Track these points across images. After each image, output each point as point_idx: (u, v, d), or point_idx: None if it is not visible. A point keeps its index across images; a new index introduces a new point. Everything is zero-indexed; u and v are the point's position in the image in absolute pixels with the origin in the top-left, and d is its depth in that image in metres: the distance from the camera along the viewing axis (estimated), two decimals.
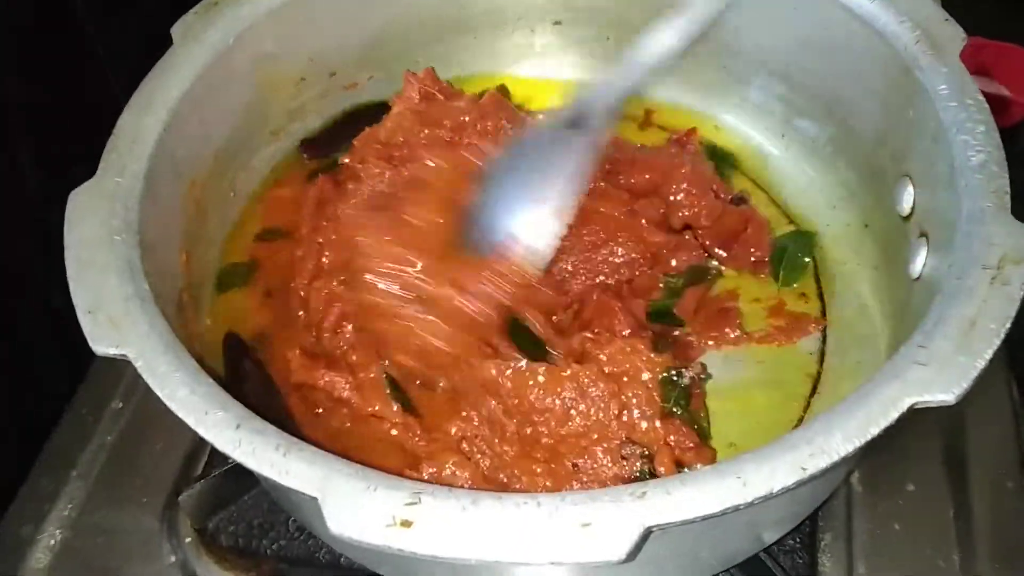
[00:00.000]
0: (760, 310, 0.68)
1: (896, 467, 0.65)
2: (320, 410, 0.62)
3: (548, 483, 0.56)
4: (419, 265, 0.62)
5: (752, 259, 0.70)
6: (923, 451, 0.66)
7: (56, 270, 0.53)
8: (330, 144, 0.76)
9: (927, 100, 0.58)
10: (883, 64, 0.63)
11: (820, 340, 0.66)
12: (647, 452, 0.57)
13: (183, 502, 0.63)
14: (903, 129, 0.62)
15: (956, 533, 0.63)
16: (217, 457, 0.67)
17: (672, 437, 0.57)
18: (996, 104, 1.00)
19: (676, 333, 0.66)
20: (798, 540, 0.62)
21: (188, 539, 0.65)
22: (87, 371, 0.75)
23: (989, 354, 0.45)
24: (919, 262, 0.58)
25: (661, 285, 0.68)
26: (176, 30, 0.66)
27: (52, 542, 0.66)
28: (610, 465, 0.57)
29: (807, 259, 0.70)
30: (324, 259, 0.66)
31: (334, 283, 0.64)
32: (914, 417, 0.44)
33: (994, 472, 0.66)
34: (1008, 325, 0.46)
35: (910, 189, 0.61)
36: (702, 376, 0.62)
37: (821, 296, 0.69)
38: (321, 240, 0.67)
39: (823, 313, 0.68)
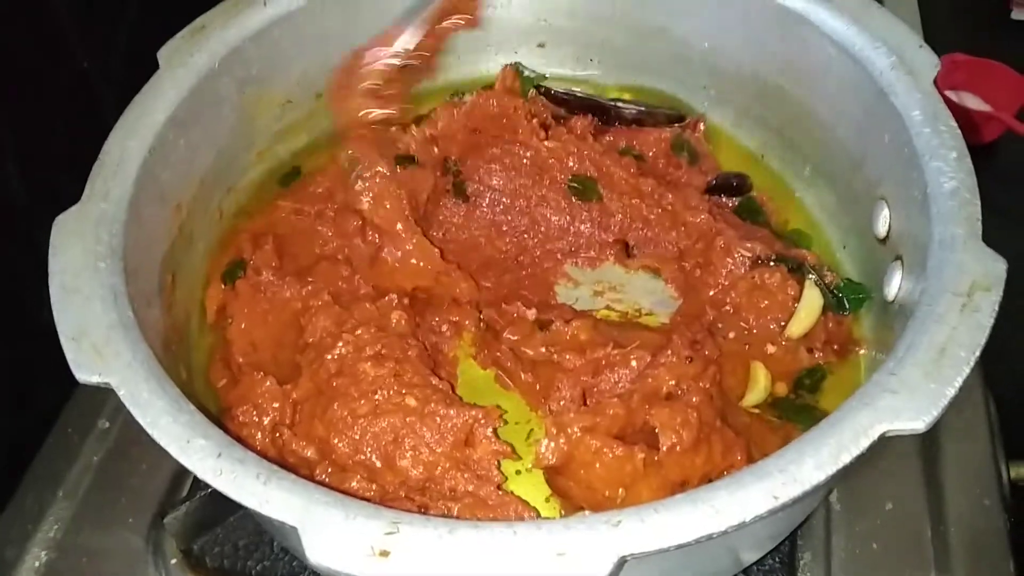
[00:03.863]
0: None
1: (874, 486, 0.66)
2: None
3: None
4: None
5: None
6: (900, 470, 0.67)
7: (44, 287, 0.54)
8: None
9: (901, 126, 0.59)
10: (859, 89, 0.64)
11: None
12: None
13: (169, 524, 0.63)
14: (879, 153, 0.63)
15: (934, 552, 0.63)
16: None
17: None
18: (976, 119, 1.03)
19: None
20: (777, 560, 0.63)
21: (174, 560, 0.65)
22: (74, 390, 0.76)
23: (959, 382, 0.45)
24: (894, 285, 0.59)
25: None
26: (163, 53, 0.67)
27: (37, 564, 0.66)
28: None
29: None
30: None
31: None
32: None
33: (971, 491, 0.66)
34: (978, 353, 0.47)
35: (886, 212, 0.62)
36: None
37: None
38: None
39: None
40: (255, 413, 0.61)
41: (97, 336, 0.51)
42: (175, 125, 0.64)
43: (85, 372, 0.49)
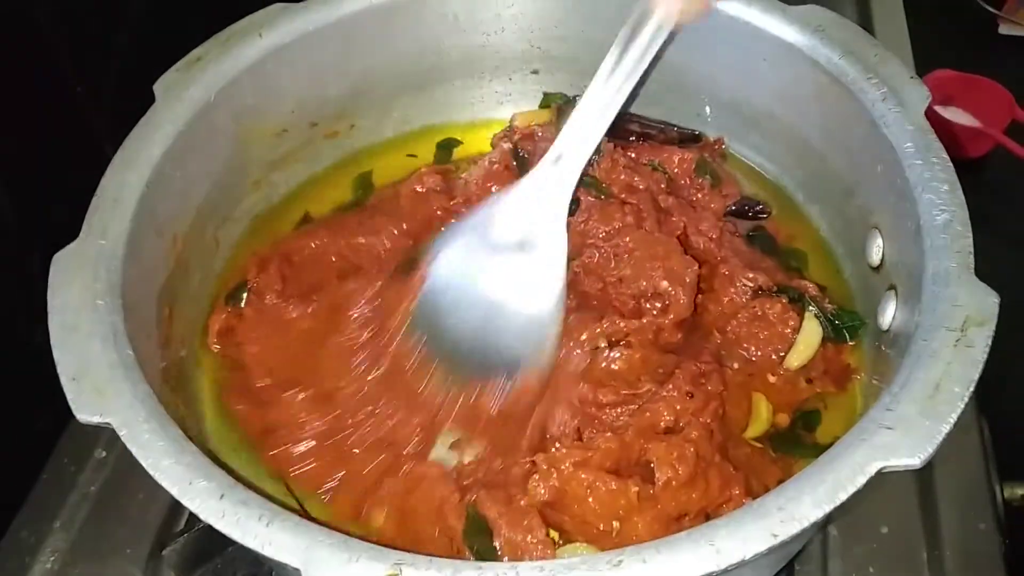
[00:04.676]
0: None
1: (870, 510, 0.67)
2: None
3: None
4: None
5: None
6: (896, 494, 0.68)
7: (38, 311, 0.54)
8: None
9: (894, 157, 0.60)
10: (852, 119, 0.65)
11: None
12: None
13: (167, 556, 0.63)
14: (872, 183, 0.64)
15: (930, 575, 0.64)
16: None
17: None
18: (965, 134, 1.04)
19: None
20: None
21: None
22: (69, 420, 0.75)
23: (954, 418, 0.46)
24: (888, 314, 0.60)
25: None
26: (159, 87, 0.67)
27: None
28: None
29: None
30: None
31: None
32: None
33: (966, 513, 0.67)
34: (972, 388, 0.47)
35: (879, 241, 0.63)
36: None
37: None
38: None
39: None
40: (298, 426, 0.62)
41: (98, 376, 0.51)
42: (172, 158, 0.64)
43: (86, 413, 0.50)
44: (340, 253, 0.72)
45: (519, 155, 0.72)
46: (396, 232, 0.73)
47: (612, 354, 0.63)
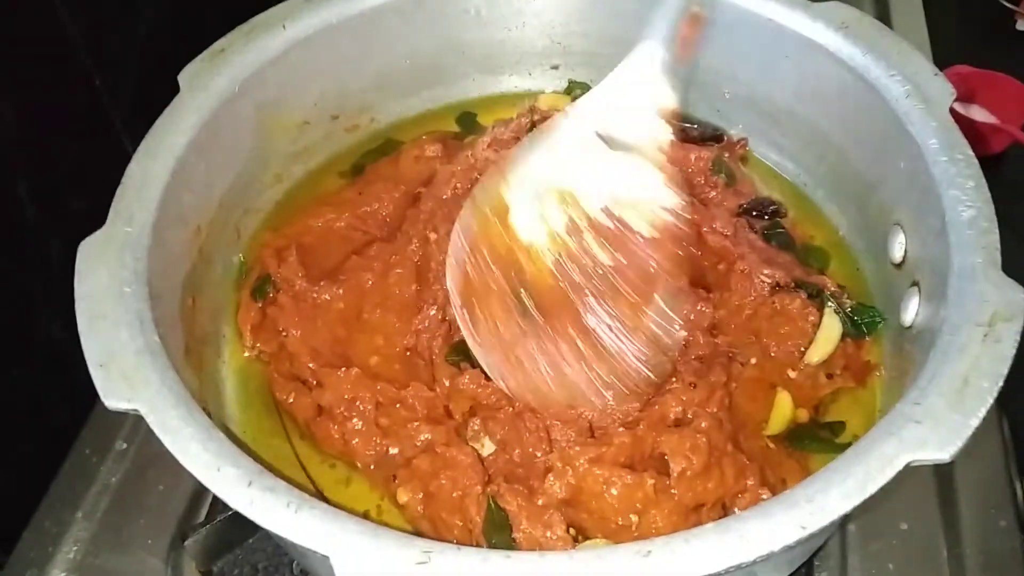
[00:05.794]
0: None
1: (889, 507, 0.66)
2: None
3: None
4: None
5: None
6: (915, 490, 0.67)
7: (57, 302, 0.54)
8: None
9: (917, 153, 0.60)
10: (875, 116, 0.65)
11: None
12: None
13: (189, 547, 0.64)
14: (894, 179, 0.64)
15: (949, 572, 0.64)
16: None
17: None
18: (983, 131, 1.03)
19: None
20: None
21: None
22: (91, 409, 0.76)
23: (982, 412, 0.46)
24: (911, 311, 0.60)
25: None
26: (183, 77, 0.67)
27: None
28: None
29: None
30: None
31: None
32: None
33: (985, 511, 0.67)
34: (1000, 383, 0.47)
35: (901, 238, 0.63)
36: None
37: None
38: None
39: None
40: (357, 403, 0.63)
41: (125, 363, 0.51)
42: (196, 148, 0.64)
43: (114, 399, 0.50)
44: (348, 224, 0.73)
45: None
46: (396, 195, 0.75)
47: None
